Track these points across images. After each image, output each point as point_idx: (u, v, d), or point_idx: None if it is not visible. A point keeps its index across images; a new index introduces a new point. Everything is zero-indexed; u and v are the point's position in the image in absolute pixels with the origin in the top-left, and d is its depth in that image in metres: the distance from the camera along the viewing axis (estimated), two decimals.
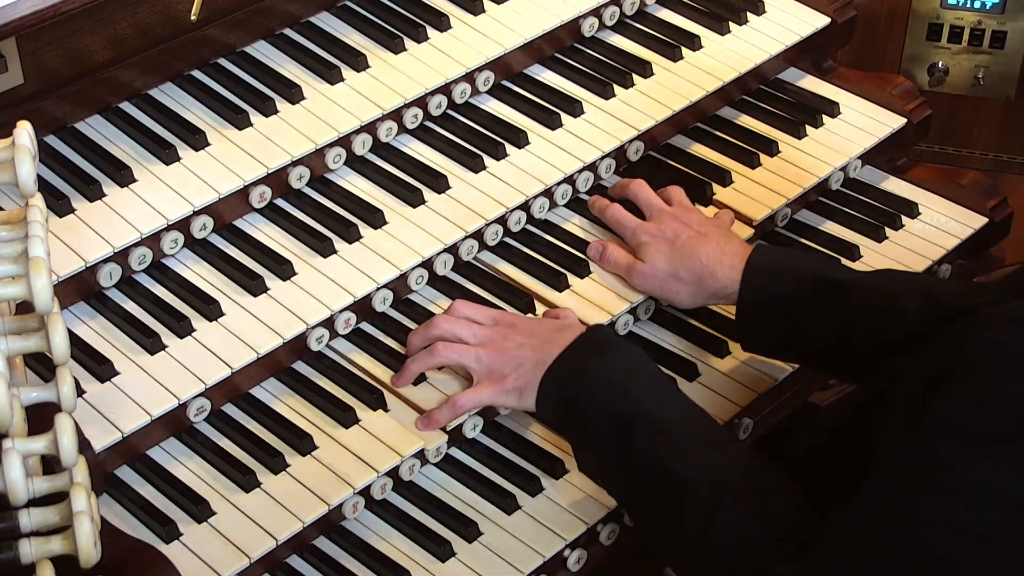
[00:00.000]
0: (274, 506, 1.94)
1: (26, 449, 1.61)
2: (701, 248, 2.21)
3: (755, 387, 2.25)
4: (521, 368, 2.04)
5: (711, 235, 2.23)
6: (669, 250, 2.23)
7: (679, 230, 2.25)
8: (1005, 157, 3.24)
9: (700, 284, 2.20)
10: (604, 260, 2.28)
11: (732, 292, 2.18)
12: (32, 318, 1.68)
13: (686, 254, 2.21)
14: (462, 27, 2.44)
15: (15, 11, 1.95)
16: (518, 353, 2.05)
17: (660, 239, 2.24)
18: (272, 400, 2.08)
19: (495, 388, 2.05)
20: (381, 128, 2.29)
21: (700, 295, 2.21)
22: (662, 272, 2.22)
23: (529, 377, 2.03)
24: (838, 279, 2.15)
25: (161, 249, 2.10)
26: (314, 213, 2.21)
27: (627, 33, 2.60)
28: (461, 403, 2.05)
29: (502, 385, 2.04)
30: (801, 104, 2.65)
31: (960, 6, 3.09)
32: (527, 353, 2.05)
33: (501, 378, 2.04)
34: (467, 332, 2.09)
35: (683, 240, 2.23)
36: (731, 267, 2.18)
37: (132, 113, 2.22)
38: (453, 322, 2.10)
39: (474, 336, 2.09)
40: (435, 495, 2.08)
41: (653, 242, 2.24)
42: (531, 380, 2.03)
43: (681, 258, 2.21)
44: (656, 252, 2.23)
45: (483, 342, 2.08)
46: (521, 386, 2.04)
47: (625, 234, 2.30)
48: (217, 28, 2.29)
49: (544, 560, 2.01)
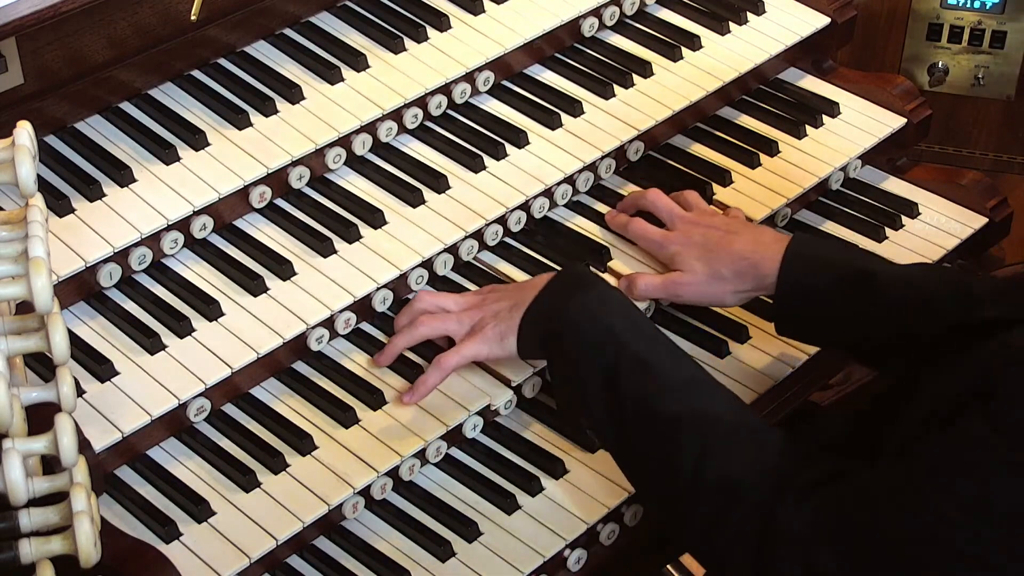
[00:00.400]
0: (274, 506, 1.94)
1: (26, 449, 1.61)
2: (736, 243, 2.19)
3: (755, 387, 2.25)
4: (499, 315, 2.05)
5: (741, 231, 2.22)
6: (703, 253, 2.21)
7: (707, 233, 2.23)
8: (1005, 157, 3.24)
9: (742, 278, 2.17)
10: (636, 289, 2.23)
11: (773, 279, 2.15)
12: (32, 318, 1.68)
13: (723, 253, 2.19)
14: (462, 27, 2.44)
15: (15, 11, 1.95)
16: (495, 305, 2.07)
17: (691, 246, 2.22)
18: (272, 400, 2.08)
19: (476, 340, 2.05)
20: (381, 128, 2.30)
21: (743, 290, 2.19)
22: (703, 276, 2.20)
23: (508, 322, 2.04)
24: (874, 270, 2.12)
25: (161, 249, 2.10)
26: (314, 213, 2.21)
27: (627, 33, 2.60)
28: (446, 362, 2.05)
29: (482, 335, 2.05)
30: (801, 104, 2.65)
31: (960, 6, 3.09)
32: (504, 302, 2.06)
33: (480, 329, 2.05)
34: (449, 302, 2.11)
35: (714, 241, 2.21)
36: (771, 258, 2.15)
37: (132, 113, 2.22)
38: (438, 295, 2.13)
39: (456, 304, 2.10)
40: (435, 495, 2.07)
41: (684, 250, 2.22)
42: (510, 325, 2.04)
43: (719, 257, 2.19)
44: (691, 259, 2.21)
45: (463, 307, 2.09)
46: (502, 331, 2.04)
47: (652, 248, 2.28)
48: (217, 28, 2.29)
49: (544, 560, 2.01)
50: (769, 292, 2.18)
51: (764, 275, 2.15)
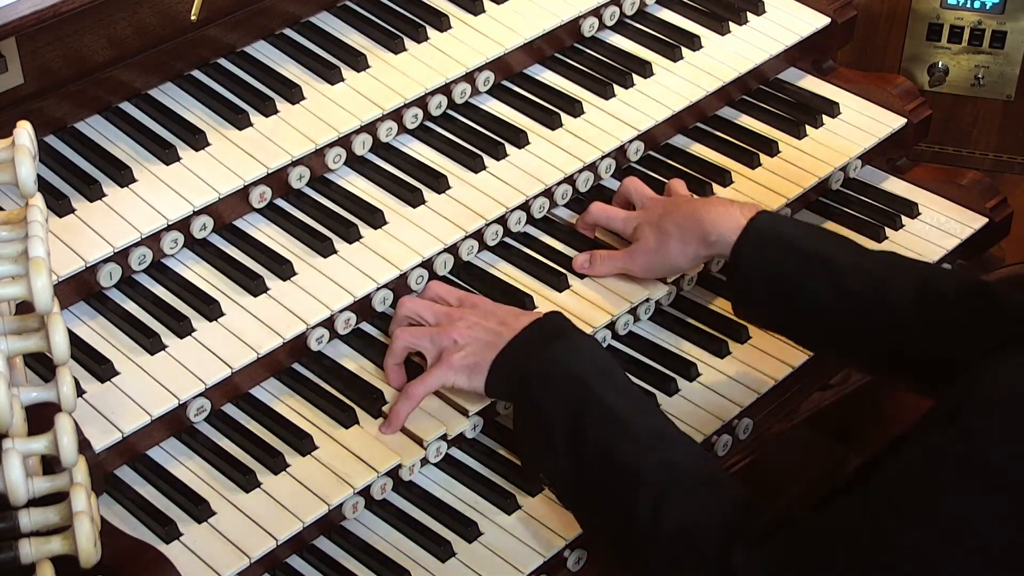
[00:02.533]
0: (274, 506, 1.94)
1: (26, 449, 1.61)
2: (688, 205, 2.21)
3: (755, 387, 2.25)
4: (469, 347, 2.04)
5: (704, 200, 2.24)
6: (657, 219, 2.22)
7: (667, 204, 2.25)
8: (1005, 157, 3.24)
9: (687, 234, 2.17)
10: (594, 266, 2.27)
11: (718, 241, 2.14)
12: (32, 318, 1.68)
13: (673, 214, 2.20)
14: (462, 27, 2.44)
15: (15, 11, 1.95)
16: (469, 332, 2.05)
17: (650, 215, 2.24)
18: (272, 400, 2.08)
19: (443, 368, 2.04)
20: (381, 128, 2.30)
21: (690, 247, 2.18)
22: (652, 241, 2.22)
23: (479, 357, 2.03)
24: (831, 256, 2.10)
25: (161, 249, 2.10)
26: (314, 213, 2.21)
27: (627, 33, 2.60)
28: (413, 392, 2.05)
29: (450, 364, 2.04)
30: (801, 104, 2.65)
31: (960, 6, 3.09)
32: (478, 333, 2.05)
33: (449, 356, 2.04)
34: (428, 312, 2.10)
35: (668, 207, 2.23)
36: (718, 214, 2.14)
37: (132, 113, 2.22)
38: (417, 303, 2.12)
39: (433, 316, 2.10)
40: (435, 495, 2.07)
41: (643, 220, 2.24)
42: (481, 360, 2.03)
43: (668, 218, 2.20)
44: (647, 226, 2.23)
45: (440, 321, 2.08)
46: (471, 364, 2.03)
47: (616, 225, 2.30)
48: (217, 28, 2.29)
49: (544, 560, 2.01)
50: (715, 254, 2.18)
51: (708, 231, 2.15)
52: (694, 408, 2.20)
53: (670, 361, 2.27)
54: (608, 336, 2.26)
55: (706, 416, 2.19)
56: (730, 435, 2.23)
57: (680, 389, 2.23)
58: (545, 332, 2.03)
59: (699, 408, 2.20)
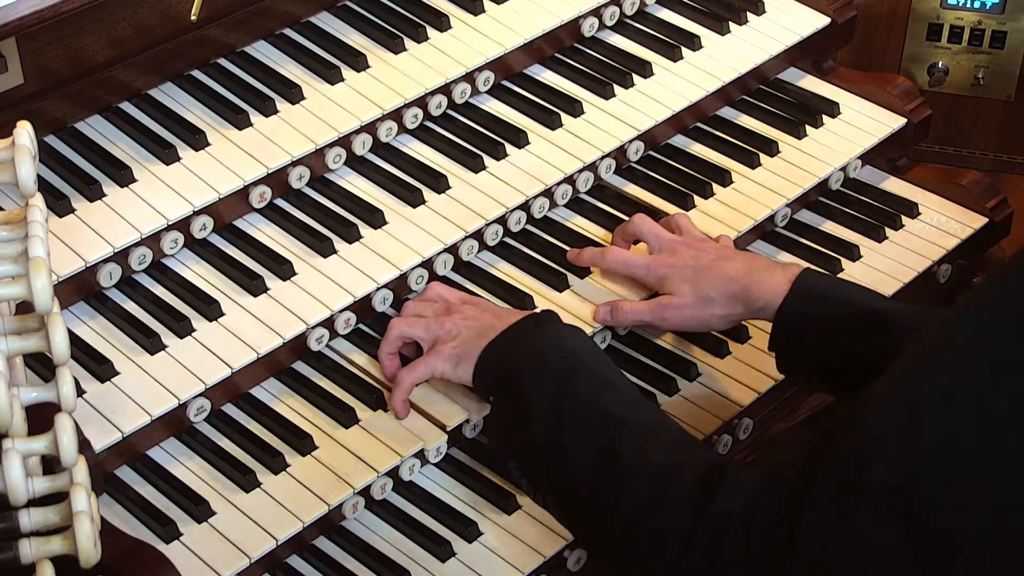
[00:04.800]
0: (274, 506, 1.94)
1: (26, 449, 1.61)
2: (728, 266, 2.14)
3: (755, 387, 2.25)
4: (459, 337, 2.04)
5: (733, 255, 2.18)
6: (693, 275, 2.15)
7: (697, 256, 2.18)
8: (1005, 157, 3.24)
9: (732, 302, 2.12)
10: (616, 316, 2.19)
11: (765, 308, 2.10)
12: (32, 318, 1.68)
13: (713, 275, 2.14)
14: (462, 27, 2.44)
15: (15, 11, 1.95)
16: (460, 322, 2.06)
17: (681, 267, 2.17)
18: (272, 400, 2.08)
19: (432, 356, 2.05)
20: (381, 128, 2.30)
21: (733, 313, 2.14)
22: (691, 299, 2.15)
23: (468, 346, 2.03)
24: (883, 309, 2.06)
25: (161, 249, 2.10)
26: (314, 213, 2.21)
27: (627, 33, 2.60)
28: (401, 378, 2.05)
29: (439, 353, 2.04)
30: (801, 104, 2.65)
31: (960, 6, 3.09)
32: (471, 324, 2.05)
33: (441, 345, 2.05)
34: (428, 308, 2.11)
35: (704, 264, 2.16)
36: (764, 283, 2.10)
37: (132, 113, 2.22)
38: (420, 302, 2.13)
39: (433, 310, 2.11)
40: (435, 495, 2.08)
41: (673, 272, 2.17)
42: (468, 351, 2.02)
43: (708, 279, 2.14)
44: (681, 282, 2.16)
45: (438, 314, 2.09)
46: (458, 354, 2.03)
47: (638, 273, 2.22)
48: (217, 28, 2.29)
49: (544, 560, 2.01)
50: (757, 318, 2.15)
51: (755, 299, 2.11)
52: (694, 408, 2.20)
53: (670, 361, 2.27)
54: (608, 336, 2.26)
55: (706, 416, 2.19)
56: (730, 435, 2.23)
57: (680, 389, 2.23)
58: (533, 320, 2.03)
59: (699, 408, 2.20)
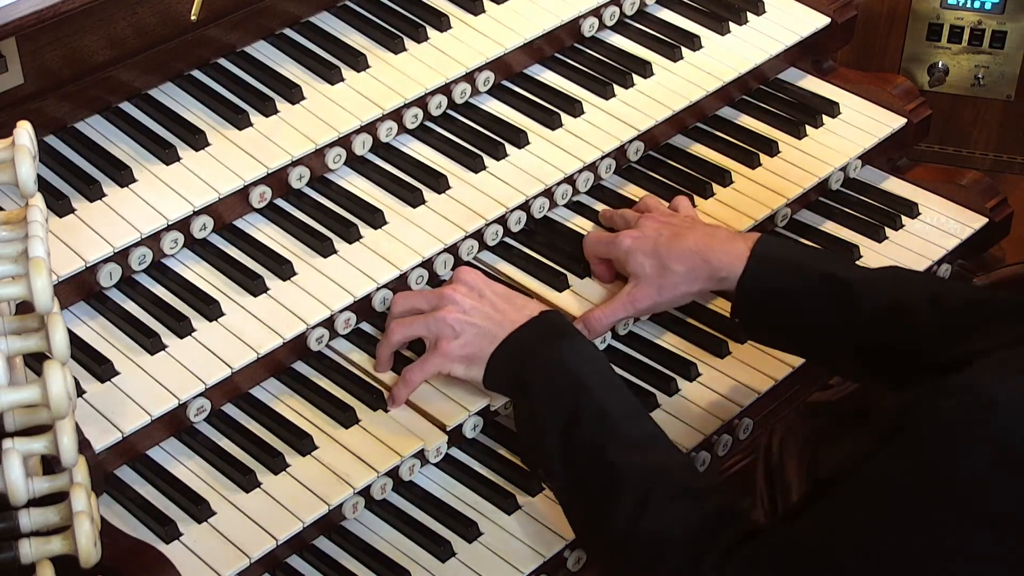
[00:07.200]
0: (274, 506, 1.94)
1: (26, 449, 1.61)
2: (687, 236, 2.16)
3: (755, 387, 2.25)
4: (465, 336, 2.04)
5: (695, 226, 2.20)
6: (653, 247, 2.17)
7: (659, 228, 2.20)
8: (1005, 157, 3.24)
9: (694, 273, 2.14)
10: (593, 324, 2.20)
11: (727, 278, 2.12)
12: (32, 318, 1.68)
13: (673, 248, 2.16)
14: (462, 27, 2.44)
15: (15, 11, 1.95)
16: (464, 318, 2.05)
17: (641, 240, 2.18)
18: (272, 400, 2.08)
19: (441, 355, 2.04)
20: (381, 128, 2.30)
21: (697, 287, 2.16)
22: (653, 274, 2.17)
23: (476, 348, 2.03)
24: (843, 277, 2.09)
25: (161, 249, 2.10)
26: (314, 213, 2.21)
27: (627, 33, 2.60)
28: (410, 377, 2.05)
29: (447, 352, 2.04)
30: (801, 104, 2.65)
31: (960, 6, 3.09)
32: (475, 320, 2.04)
33: (447, 344, 2.04)
34: (420, 301, 2.10)
35: (665, 236, 2.18)
36: (725, 252, 2.12)
37: (132, 113, 2.22)
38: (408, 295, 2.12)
39: (426, 301, 2.09)
40: (435, 495, 2.08)
41: (636, 244, 2.19)
42: (479, 351, 2.03)
43: (669, 253, 2.16)
44: (643, 256, 2.17)
45: (432, 304, 2.08)
46: (469, 355, 2.04)
47: (610, 250, 2.24)
48: (217, 28, 2.29)
49: (544, 560, 2.01)
50: (722, 289, 2.16)
51: (716, 269, 2.12)
52: (694, 408, 2.20)
53: (670, 361, 2.27)
54: (608, 336, 2.26)
55: (706, 416, 2.20)
56: (730, 435, 2.23)
57: (680, 389, 2.23)
58: (544, 329, 2.03)
59: (699, 408, 2.20)
